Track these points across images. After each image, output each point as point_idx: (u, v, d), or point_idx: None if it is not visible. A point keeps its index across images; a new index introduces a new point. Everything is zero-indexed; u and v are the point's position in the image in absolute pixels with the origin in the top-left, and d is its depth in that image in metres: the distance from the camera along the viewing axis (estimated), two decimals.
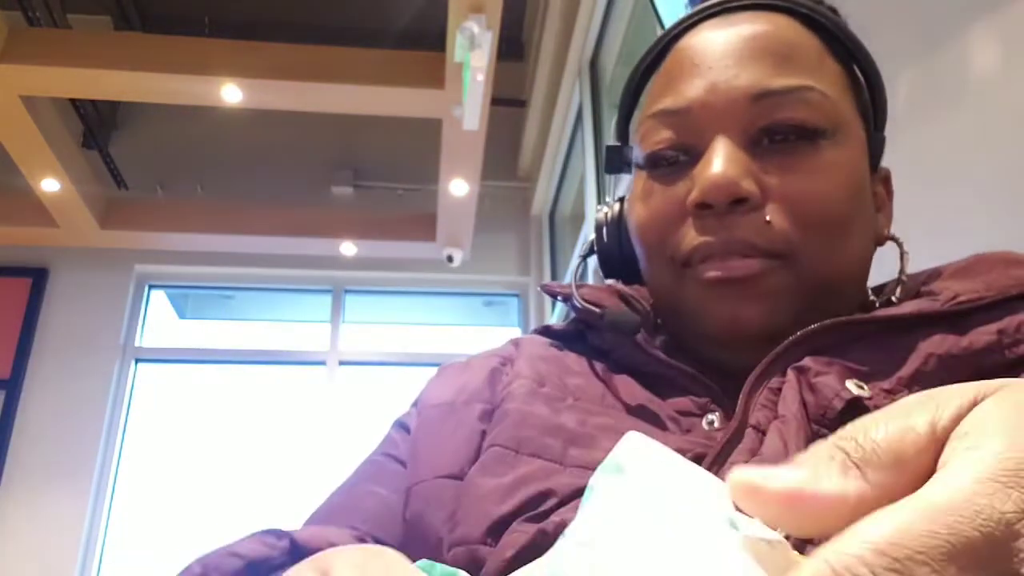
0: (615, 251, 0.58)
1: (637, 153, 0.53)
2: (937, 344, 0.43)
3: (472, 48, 2.61)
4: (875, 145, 0.54)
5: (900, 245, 0.52)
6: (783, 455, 0.39)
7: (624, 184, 0.54)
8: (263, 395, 4.38)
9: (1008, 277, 0.46)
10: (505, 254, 4.56)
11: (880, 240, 0.53)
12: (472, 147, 3.39)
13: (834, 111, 0.49)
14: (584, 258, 0.60)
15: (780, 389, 0.43)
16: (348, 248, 4.20)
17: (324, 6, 4.44)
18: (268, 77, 3.13)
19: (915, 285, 0.51)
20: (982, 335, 0.43)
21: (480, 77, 2.73)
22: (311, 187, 4.51)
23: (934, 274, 0.51)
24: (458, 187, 3.63)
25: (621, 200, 0.59)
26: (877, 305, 0.51)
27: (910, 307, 0.45)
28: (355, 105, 3.42)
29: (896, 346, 0.44)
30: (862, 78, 0.54)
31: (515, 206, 4.64)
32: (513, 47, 4.58)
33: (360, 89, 3.18)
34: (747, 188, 0.46)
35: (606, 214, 0.59)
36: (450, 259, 4.09)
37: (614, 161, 0.59)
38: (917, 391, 0.41)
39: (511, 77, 4.35)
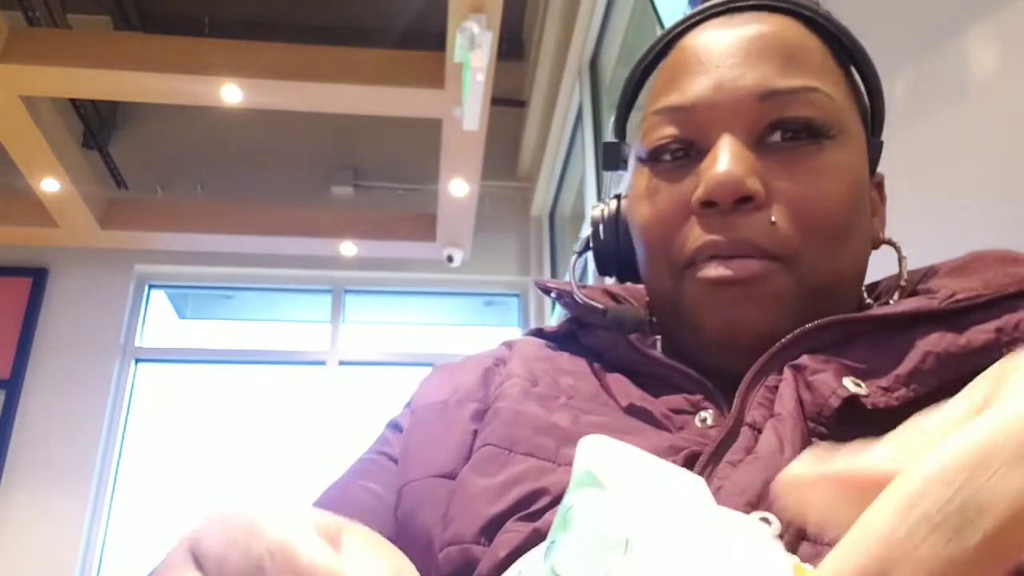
0: (611, 248, 0.57)
1: (639, 149, 0.53)
2: (935, 342, 0.42)
3: (472, 48, 2.61)
4: (873, 150, 0.54)
5: (898, 249, 0.52)
6: (779, 453, 0.39)
7: (624, 183, 0.54)
8: (263, 395, 4.38)
9: (1006, 275, 0.46)
10: (505, 254, 4.56)
11: (876, 243, 0.53)
12: (472, 147, 3.39)
13: (838, 113, 0.49)
14: (580, 254, 0.60)
15: (777, 387, 0.43)
16: (348, 248, 4.20)
17: (324, 6, 4.45)
18: (268, 77, 3.13)
19: (911, 283, 0.51)
20: (980, 333, 0.42)
21: (480, 77, 2.74)
22: (311, 187, 4.51)
23: (930, 272, 0.51)
24: (458, 187, 3.63)
25: (618, 197, 0.59)
26: (874, 306, 0.51)
27: (908, 305, 0.45)
28: (355, 105, 3.43)
29: (894, 344, 0.43)
30: (861, 83, 0.54)
31: (515, 206, 4.64)
32: (513, 47, 4.58)
33: (360, 89, 3.18)
34: (752, 187, 0.46)
35: (603, 211, 0.58)
36: (450, 259, 4.09)
37: (612, 158, 0.59)
38: (915, 389, 0.41)
39: (511, 77, 4.35)
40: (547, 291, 0.58)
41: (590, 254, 0.59)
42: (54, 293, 4.16)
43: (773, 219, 0.46)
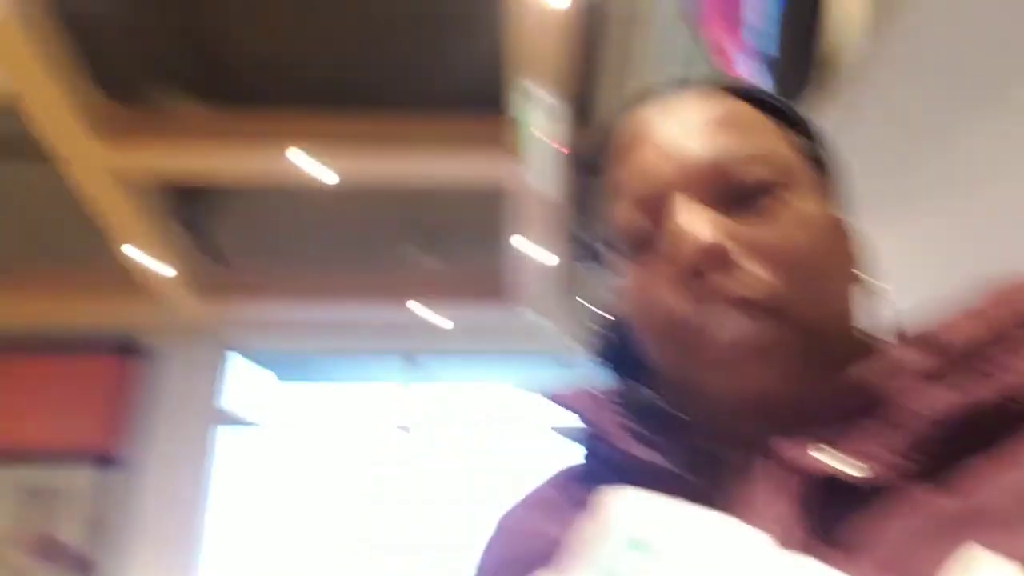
0: (622, 354, 0.57)
1: (617, 242, 0.54)
2: (931, 405, 0.44)
3: (541, 114, 2.66)
4: (835, 192, 0.55)
5: (873, 285, 0.53)
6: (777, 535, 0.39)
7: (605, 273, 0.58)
8: (343, 457, 4.44)
9: (1014, 313, 0.46)
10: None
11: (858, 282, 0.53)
12: (545, 210, 3.42)
13: (786, 166, 0.51)
14: (599, 364, 0.60)
15: (765, 476, 0.44)
16: (420, 310, 4.26)
17: (399, 74, 4.57)
18: (353, 151, 3.24)
19: (920, 328, 0.50)
20: (983, 390, 0.43)
21: (550, 141, 2.78)
22: (381, 252, 4.60)
23: (943, 315, 0.50)
24: (531, 250, 3.67)
25: (608, 292, 0.59)
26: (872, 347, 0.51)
27: (915, 394, 0.45)
28: (431, 173, 3.52)
29: (888, 413, 0.44)
30: (794, 134, 0.55)
31: None
32: (582, 110, 4.62)
33: (435, 157, 3.27)
34: (724, 244, 0.47)
35: (606, 322, 0.59)
36: (524, 319, 4.10)
37: (588, 253, 0.61)
38: (917, 459, 0.42)
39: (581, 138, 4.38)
40: (564, 405, 0.57)
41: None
42: (151, 366, 4.31)
43: (752, 272, 0.47)
